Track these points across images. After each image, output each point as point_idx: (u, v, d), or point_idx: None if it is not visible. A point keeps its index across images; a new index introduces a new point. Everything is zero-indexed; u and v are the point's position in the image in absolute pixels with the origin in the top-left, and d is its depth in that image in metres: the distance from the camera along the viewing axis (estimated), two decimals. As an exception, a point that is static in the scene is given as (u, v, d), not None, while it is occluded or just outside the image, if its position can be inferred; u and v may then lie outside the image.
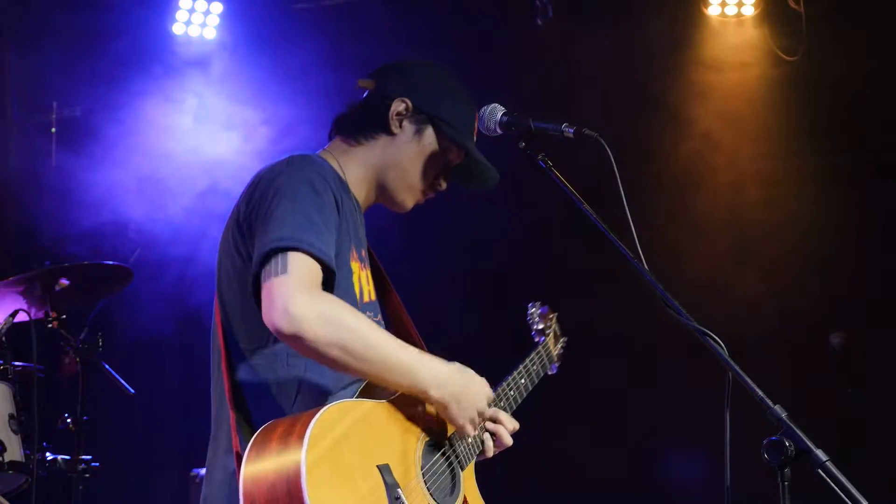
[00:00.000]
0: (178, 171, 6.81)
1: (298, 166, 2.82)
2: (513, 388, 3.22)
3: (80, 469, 5.28)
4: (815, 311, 6.55)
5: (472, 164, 3.07)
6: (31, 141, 7.07)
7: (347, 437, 2.60)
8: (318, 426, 2.52)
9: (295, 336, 2.61)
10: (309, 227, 2.70)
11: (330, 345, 2.61)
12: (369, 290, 2.98)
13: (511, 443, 3.04)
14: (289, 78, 6.72)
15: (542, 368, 3.44)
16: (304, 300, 2.60)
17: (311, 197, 2.75)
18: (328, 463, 2.51)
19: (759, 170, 6.81)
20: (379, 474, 2.62)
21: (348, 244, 2.88)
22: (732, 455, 2.64)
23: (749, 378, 2.53)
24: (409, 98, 2.99)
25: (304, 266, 2.66)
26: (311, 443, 2.48)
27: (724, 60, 6.85)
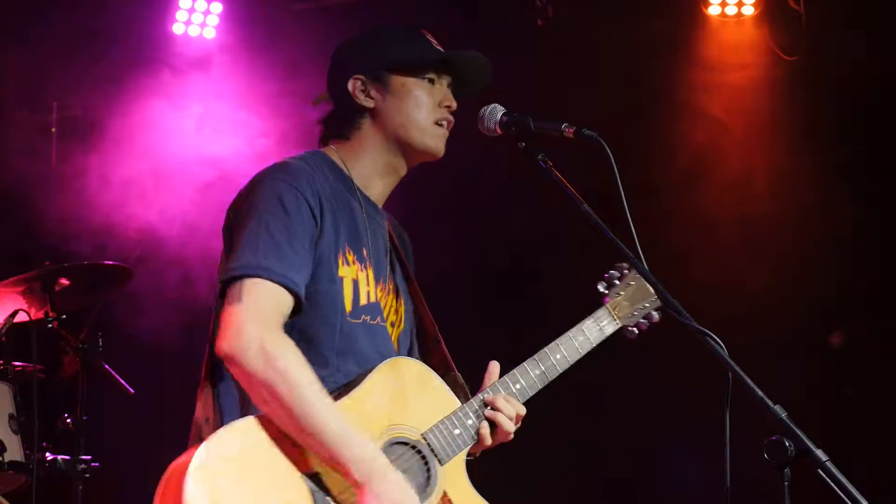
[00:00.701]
0: (177, 171, 6.81)
1: (273, 180, 2.84)
2: (538, 365, 3.04)
3: (80, 469, 5.28)
4: (815, 310, 6.54)
5: (454, 66, 3.07)
6: (31, 141, 7.07)
7: (259, 450, 2.59)
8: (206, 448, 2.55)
9: (233, 365, 2.66)
10: (272, 252, 2.71)
11: (261, 385, 2.63)
12: (370, 290, 2.96)
13: (512, 430, 2.94)
14: (289, 78, 6.71)
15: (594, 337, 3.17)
16: (254, 333, 2.63)
17: (279, 216, 2.77)
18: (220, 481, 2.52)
19: (758, 170, 6.80)
20: (305, 484, 2.61)
21: (335, 251, 2.87)
22: (732, 455, 2.64)
23: (749, 378, 2.53)
24: (356, 73, 3.03)
25: (261, 296, 2.68)
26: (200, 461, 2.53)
27: (723, 60, 6.84)
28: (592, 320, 3.20)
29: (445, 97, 3.06)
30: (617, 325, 3.24)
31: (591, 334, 3.18)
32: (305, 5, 7.06)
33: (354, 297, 2.90)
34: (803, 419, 2.48)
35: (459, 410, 2.92)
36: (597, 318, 3.21)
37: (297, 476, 2.62)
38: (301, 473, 2.62)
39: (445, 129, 3.06)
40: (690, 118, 6.79)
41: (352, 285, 2.90)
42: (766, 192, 6.75)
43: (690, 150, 6.78)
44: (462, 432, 2.90)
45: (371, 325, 2.94)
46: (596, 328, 3.20)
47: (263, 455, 2.59)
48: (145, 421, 6.86)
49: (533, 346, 3.13)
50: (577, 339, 3.14)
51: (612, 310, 3.24)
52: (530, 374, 3.04)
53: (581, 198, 2.85)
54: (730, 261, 6.66)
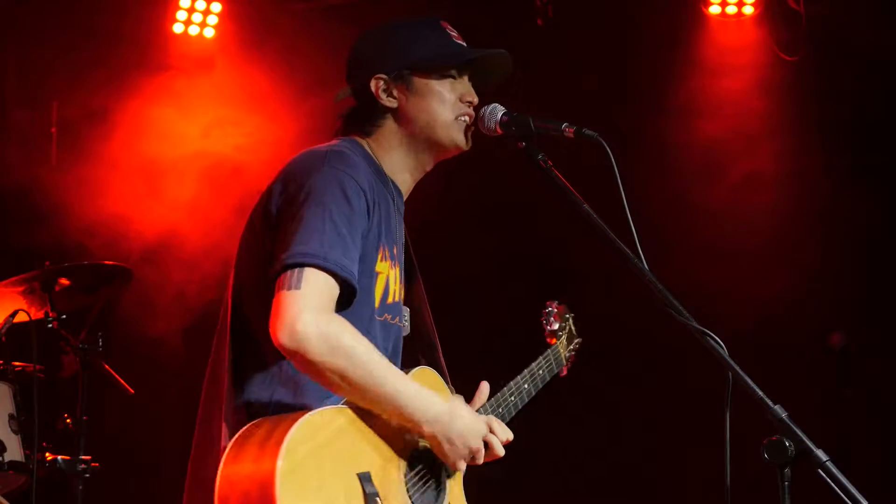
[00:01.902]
0: (177, 171, 6.80)
1: (336, 167, 2.80)
2: (514, 393, 3.18)
3: (80, 469, 5.27)
4: (814, 310, 6.55)
5: (476, 62, 3.06)
6: (31, 141, 7.06)
7: (328, 444, 2.60)
8: (297, 433, 2.53)
9: (295, 353, 2.62)
10: (336, 242, 2.69)
11: (328, 370, 2.63)
12: (396, 289, 2.96)
13: (502, 454, 2.97)
14: (288, 78, 6.71)
15: (548, 373, 3.40)
16: (311, 320, 2.61)
17: (343, 206, 2.74)
18: (304, 471, 2.51)
19: (757, 170, 6.80)
20: (359, 483, 2.62)
21: (376, 247, 2.87)
22: (732, 455, 2.64)
23: (749, 378, 2.53)
24: (378, 72, 3.00)
25: (320, 284, 2.66)
26: (288, 450, 2.49)
27: (723, 60, 6.84)
28: (546, 358, 3.42)
29: (467, 92, 3.04)
30: (560, 365, 3.52)
31: (546, 371, 3.39)
32: (305, 5, 7.06)
33: (384, 294, 2.91)
34: (803, 419, 2.48)
35: None
36: (549, 356, 3.45)
37: (353, 475, 2.64)
38: (355, 472, 2.64)
39: (468, 124, 3.04)
40: (690, 118, 6.79)
41: (384, 282, 2.91)
42: (765, 193, 6.75)
43: (690, 150, 6.78)
44: None
45: (390, 325, 2.94)
46: (548, 366, 3.41)
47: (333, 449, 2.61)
48: (145, 421, 6.86)
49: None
50: (538, 373, 3.33)
51: (559, 349, 3.52)
52: (507, 401, 3.14)
53: (581, 198, 2.85)
54: (730, 261, 6.66)
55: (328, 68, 6.37)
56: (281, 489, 2.45)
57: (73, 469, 5.25)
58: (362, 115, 3.05)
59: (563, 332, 3.57)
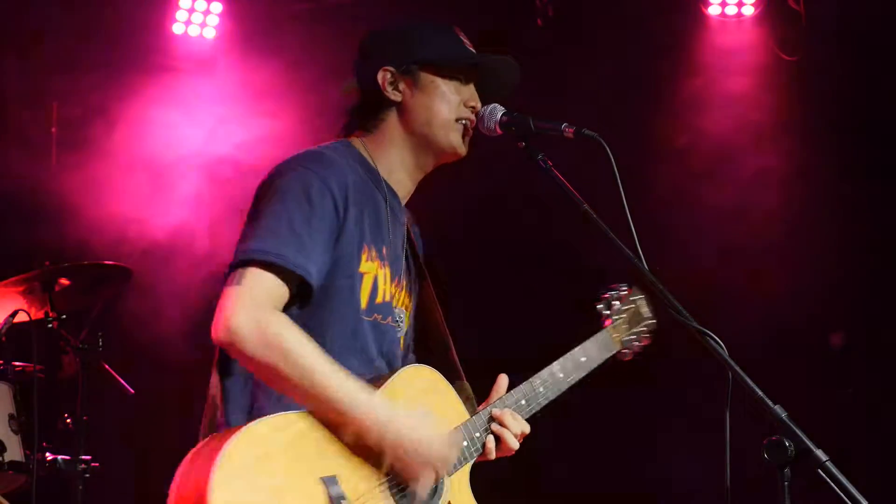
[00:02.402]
0: (178, 171, 6.81)
1: (304, 166, 2.82)
2: (544, 383, 3.10)
3: (80, 469, 5.27)
4: (814, 310, 6.55)
5: (483, 66, 3.06)
6: (31, 141, 7.06)
7: (282, 451, 2.56)
8: (235, 443, 2.50)
9: (229, 347, 2.64)
10: (288, 239, 2.69)
11: (262, 366, 2.63)
12: (386, 289, 2.94)
13: (516, 447, 2.95)
14: (289, 78, 6.71)
15: (596, 359, 3.28)
16: (246, 315, 2.61)
17: (302, 205, 2.75)
18: (243, 480, 2.48)
19: (758, 169, 6.80)
20: (322, 486, 2.58)
21: (359, 247, 2.86)
22: (732, 455, 2.64)
23: (749, 378, 2.53)
24: (386, 64, 3.00)
25: (261, 280, 2.66)
26: (224, 460, 2.47)
27: (723, 60, 6.84)
28: (593, 342, 3.28)
29: (472, 97, 3.04)
30: (616, 348, 3.37)
31: (593, 355, 3.26)
32: (305, 5, 7.06)
33: (372, 294, 2.89)
34: (803, 419, 2.48)
35: (469, 423, 2.91)
36: (598, 339, 3.30)
37: (316, 479, 2.59)
38: (318, 476, 2.60)
39: (467, 129, 3.03)
40: (690, 118, 6.79)
41: (371, 282, 2.89)
42: (765, 192, 6.75)
43: (689, 150, 6.78)
44: (469, 444, 2.89)
45: (381, 325, 2.92)
46: (596, 349, 3.28)
47: (285, 456, 2.57)
48: (145, 421, 6.86)
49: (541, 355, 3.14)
50: (580, 358, 3.21)
51: (612, 332, 3.36)
52: (536, 391, 3.07)
53: (581, 198, 2.84)
54: (728, 261, 6.66)
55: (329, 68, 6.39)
56: (213, 500, 2.43)
57: (73, 469, 5.25)
58: (366, 109, 3.05)
59: (621, 315, 3.43)
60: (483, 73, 3.08)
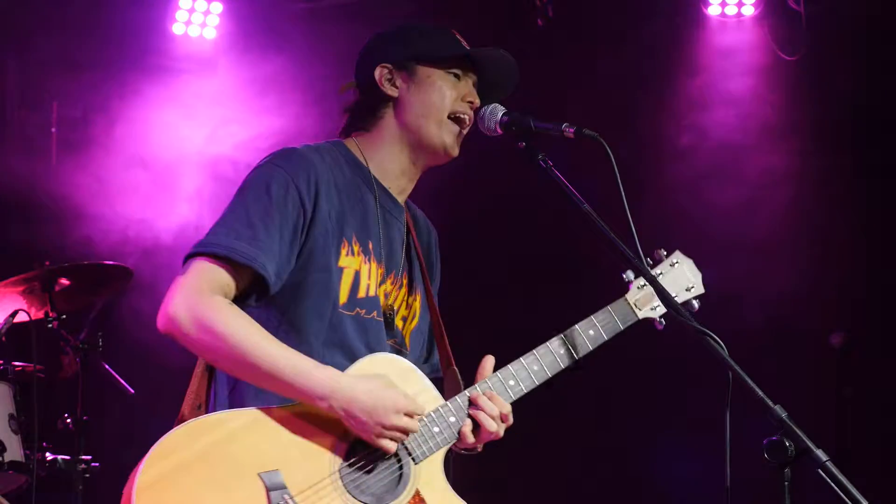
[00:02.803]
0: (178, 171, 6.80)
1: (272, 163, 2.88)
2: (536, 361, 2.89)
3: (80, 469, 5.27)
4: (814, 310, 6.54)
5: (481, 66, 3.06)
6: (31, 141, 7.06)
7: (214, 450, 2.59)
8: (160, 446, 2.58)
9: (170, 335, 2.72)
10: (243, 233, 2.74)
11: (203, 349, 2.70)
12: (370, 283, 2.93)
13: (496, 429, 2.80)
14: (289, 77, 6.71)
15: (605, 331, 2.95)
16: (183, 303, 2.68)
17: (262, 198, 2.80)
18: (168, 482, 2.53)
19: (758, 169, 6.80)
20: (260, 482, 2.59)
21: (336, 242, 2.87)
22: (732, 455, 2.64)
23: (749, 378, 2.53)
24: (383, 61, 3.04)
25: (207, 272, 2.73)
26: (148, 464, 2.54)
27: (723, 61, 6.84)
28: (607, 312, 2.98)
29: (469, 93, 3.04)
30: (636, 317, 2.99)
31: (605, 326, 2.95)
32: (305, 5, 7.06)
33: (353, 288, 2.89)
34: (803, 419, 2.48)
35: (441, 408, 2.83)
36: (612, 309, 2.98)
37: (251, 475, 2.60)
38: (257, 472, 2.61)
39: (462, 127, 3.03)
40: (690, 118, 6.79)
41: (352, 276, 2.89)
42: (765, 192, 6.75)
43: (689, 150, 6.78)
44: (442, 430, 2.81)
45: (365, 319, 2.91)
46: (610, 319, 2.97)
47: (223, 452, 2.60)
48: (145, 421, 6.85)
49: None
50: (586, 332, 2.95)
51: (633, 300, 2.99)
52: (527, 371, 2.89)
53: (581, 197, 2.84)
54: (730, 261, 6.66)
55: (329, 68, 6.40)
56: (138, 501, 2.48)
57: (73, 469, 5.25)
58: (364, 107, 3.07)
59: (644, 287, 2.99)
60: (481, 71, 3.08)
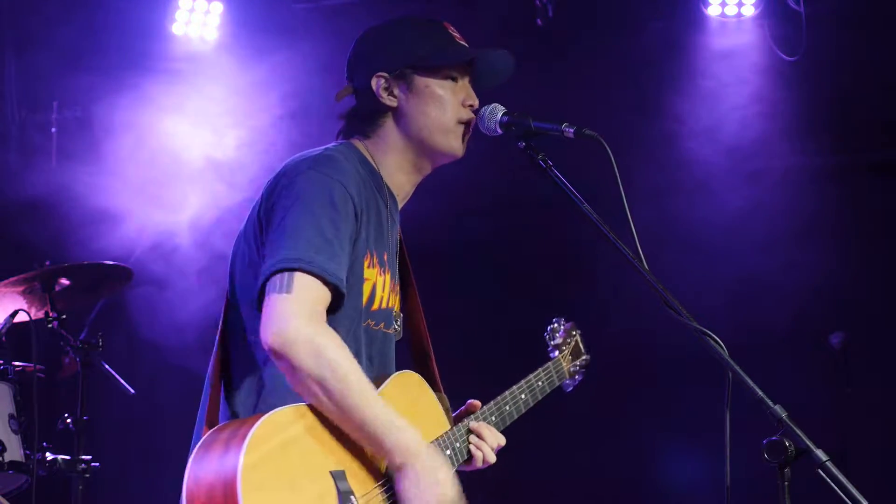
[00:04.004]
0: (178, 171, 6.80)
1: (323, 172, 2.79)
2: (509, 402, 3.15)
3: (80, 469, 5.27)
4: (814, 311, 6.55)
5: (478, 62, 3.05)
6: (31, 141, 7.06)
7: (297, 440, 2.58)
8: (261, 429, 2.51)
9: (282, 357, 2.62)
10: (322, 247, 2.69)
11: (310, 377, 2.62)
12: (383, 296, 2.94)
13: (494, 460, 2.98)
14: (289, 78, 6.71)
15: (548, 385, 3.37)
16: (303, 325, 2.61)
17: (329, 211, 2.73)
18: (269, 466, 2.50)
19: (758, 169, 6.81)
20: (332, 480, 2.59)
21: (364, 253, 2.86)
22: (732, 455, 2.64)
23: (749, 378, 2.53)
24: (379, 70, 2.99)
25: (309, 289, 2.66)
26: (251, 446, 2.48)
27: (723, 61, 6.84)
28: (545, 370, 3.39)
29: (468, 96, 3.03)
30: (564, 378, 3.51)
31: (546, 382, 3.37)
32: (305, 5, 7.06)
33: (370, 299, 2.89)
34: (803, 419, 2.48)
35: (451, 433, 2.93)
36: (549, 368, 3.42)
37: (326, 472, 2.61)
38: (329, 470, 2.61)
39: (467, 128, 3.03)
40: (689, 118, 6.79)
41: (371, 289, 2.89)
42: (765, 191, 6.76)
43: (689, 150, 6.78)
44: (452, 454, 2.90)
45: (373, 331, 2.92)
46: (547, 378, 3.38)
47: (301, 446, 2.59)
48: (145, 421, 6.86)
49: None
50: (537, 384, 3.31)
51: (561, 362, 3.49)
52: (503, 409, 3.12)
53: (581, 197, 2.84)
54: (730, 261, 6.67)
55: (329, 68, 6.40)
56: (244, 484, 2.44)
57: (73, 469, 5.25)
58: (363, 115, 3.03)
59: (566, 347, 3.55)
60: (478, 67, 3.07)
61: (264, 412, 2.65)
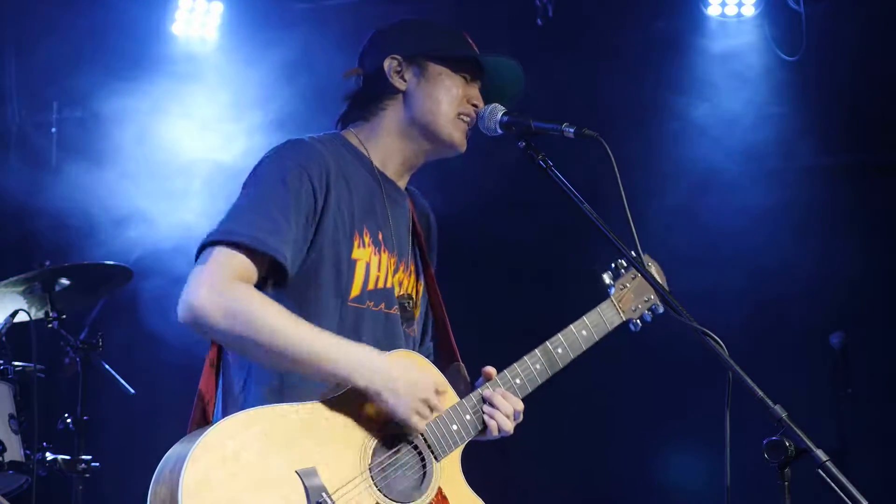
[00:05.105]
0: (178, 171, 6.80)
1: (281, 156, 2.86)
2: (539, 361, 2.98)
3: (80, 469, 5.27)
4: (815, 311, 6.55)
5: (489, 73, 3.07)
6: (31, 141, 7.06)
7: (253, 444, 2.57)
8: (202, 443, 2.52)
9: (194, 325, 2.66)
10: (262, 223, 2.72)
11: (230, 337, 2.65)
12: (380, 275, 2.93)
13: (509, 428, 2.89)
14: (289, 77, 6.71)
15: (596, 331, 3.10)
16: (207, 292, 2.64)
17: (276, 188, 2.78)
18: (217, 474, 2.50)
19: (758, 169, 6.80)
20: (298, 479, 2.58)
21: (349, 234, 2.86)
22: (732, 455, 2.64)
23: (749, 378, 2.53)
24: (395, 52, 3.03)
25: (227, 259, 2.69)
26: (195, 457, 2.50)
27: (723, 61, 6.84)
28: (596, 313, 3.13)
29: (475, 95, 3.06)
30: (621, 319, 3.17)
31: (595, 327, 3.11)
32: (305, 5, 7.06)
33: (364, 280, 2.89)
34: (803, 419, 2.48)
35: (458, 406, 2.89)
36: (601, 310, 3.14)
37: (292, 472, 2.60)
38: (294, 469, 2.60)
39: (466, 125, 3.04)
40: (689, 118, 6.79)
41: (364, 269, 2.89)
42: (765, 192, 6.75)
43: (689, 150, 6.78)
44: (459, 428, 2.86)
45: (374, 312, 2.91)
46: (600, 321, 3.12)
47: (258, 450, 2.58)
48: (145, 421, 6.85)
49: (537, 339, 3.07)
50: (580, 332, 3.08)
51: (617, 302, 3.17)
52: (531, 369, 2.98)
53: (581, 197, 2.85)
54: (730, 261, 6.66)
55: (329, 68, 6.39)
56: (185, 497, 2.46)
57: (73, 469, 5.25)
58: (366, 96, 3.06)
59: (626, 286, 3.17)
60: (488, 78, 3.09)
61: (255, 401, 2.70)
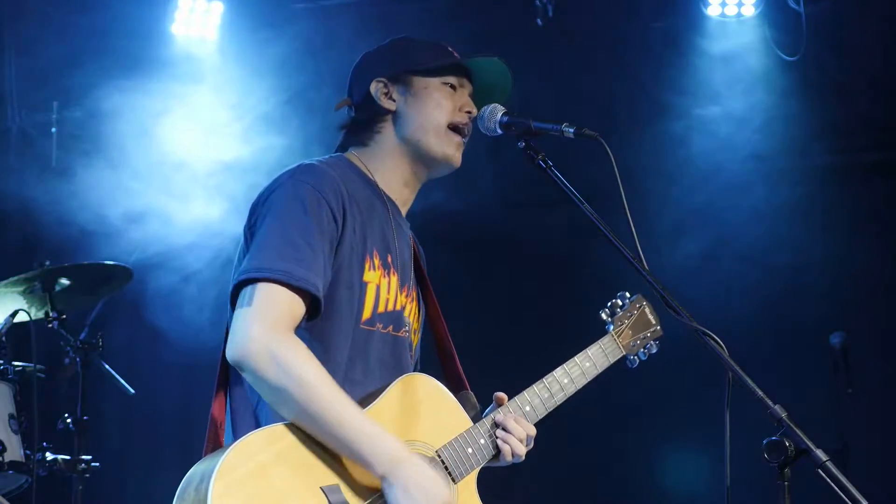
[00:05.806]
0: (177, 171, 6.80)
1: (296, 181, 2.82)
2: (547, 389, 3.06)
3: (80, 469, 5.27)
4: (815, 311, 6.55)
5: (475, 75, 3.08)
6: (32, 141, 7.06)
7: (278, 461, 2.56)
8: (231, 456, 2.51)
9: (243, 369, 2.64)
10: (290, 254, 2.69)
11: (272, 387, 2.62)
12: (389, 297, 2.93)
13: (522, 452, 2.94)
14: (289, 77, 6.71)
15: (597, 365, 3.20)
16: (261, 337, 2.61)
17: (299, 217, 2.75)
18: (244, 491, 2.49)
19: (758, 169, 6.81)
20: (323, 496, 2.58)
21: (361, 256, 2.86)
22: (732, 455, 2.64)
23: (749, 378, 2.53)
24: (380, 75, 3.04)
25: (272, 299, 2.66)
26: (220, 473, 2.47)
27: (724, 61, 6.84)
28: (598, 347, 3.22)
29: (466, 103, 3.06)
30: (621, 354, 3.28)
31: (597, 361, 3.20)
32: (305, 5, 7.05)
33: (375, 303, 2.88)
34: (803, 419, 2.49)
35: (472, 430, 2.91)
36: (602, 345, 3.23)
37: (316, 488, 2.59)
38: (319, 486, 2.60)
39: (462, 138, 3.04)
40: (689, 118, 6.79)
41: (374, 291, 2.88)
42: (765, 192, 6.75)
43: (689, 150, 6.78)
44: (475, 451, 2.89)
45: (383, 335, 2.91)
46: (601, 355, 3.22)
47: (284, 466, 2.57)
48: (145, 421, 6.86)
49: (540, 365, 3.14)
50: (583, 364, 3.17)
51: (617, 338, 3.27)
52: (539, 398, 3.05)
53: (581, 198, 2.85)
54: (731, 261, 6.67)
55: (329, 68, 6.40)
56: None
57: (73, 469, 5.25)
58: (361, 123, 3.06)
59: (627, 321, 3.31)
60: (476, 79, 3.09)
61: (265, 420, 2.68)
